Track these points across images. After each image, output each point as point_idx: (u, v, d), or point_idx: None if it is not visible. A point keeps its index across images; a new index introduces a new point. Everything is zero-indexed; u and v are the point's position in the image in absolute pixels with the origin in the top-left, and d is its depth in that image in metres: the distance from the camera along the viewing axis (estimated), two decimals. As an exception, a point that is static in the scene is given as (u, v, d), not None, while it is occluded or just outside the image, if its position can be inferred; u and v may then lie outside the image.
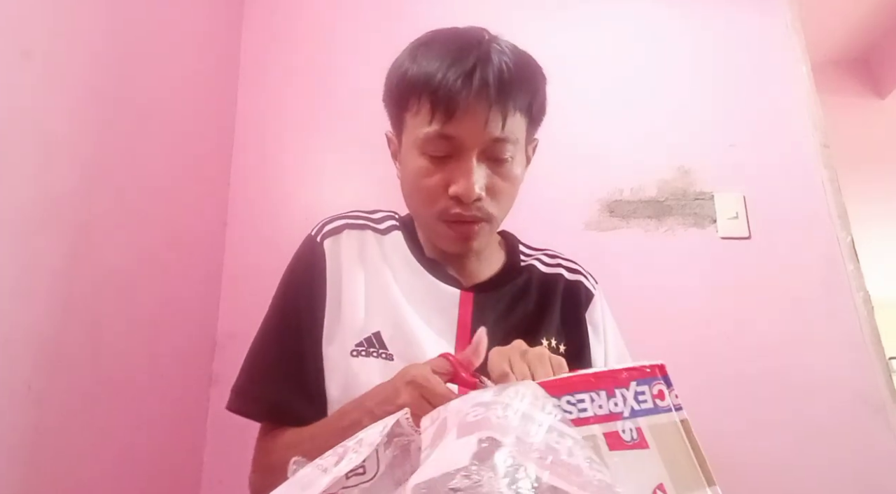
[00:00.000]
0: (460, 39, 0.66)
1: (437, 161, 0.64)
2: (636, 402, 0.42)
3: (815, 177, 1.28)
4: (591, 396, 0.42)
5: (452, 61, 0.62)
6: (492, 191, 0.65)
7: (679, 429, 0.42)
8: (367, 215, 0.77)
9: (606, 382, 0.43)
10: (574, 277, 0.79)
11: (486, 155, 0.64)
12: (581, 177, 1.38)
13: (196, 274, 1.37)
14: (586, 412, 0.41)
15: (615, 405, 0.42)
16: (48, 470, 0.92)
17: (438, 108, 0.62)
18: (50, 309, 0.95)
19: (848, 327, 1.18)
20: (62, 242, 0.98)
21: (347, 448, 0.40)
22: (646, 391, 0.43)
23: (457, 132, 0.62)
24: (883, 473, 1.09)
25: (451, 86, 0.61)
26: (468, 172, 0.62)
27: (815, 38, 1.53)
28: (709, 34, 1.44)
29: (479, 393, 0.40)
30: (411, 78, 0.65)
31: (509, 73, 0.63)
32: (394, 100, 0.69)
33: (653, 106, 1.41)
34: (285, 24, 1.65)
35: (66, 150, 1.01)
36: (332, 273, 0.70)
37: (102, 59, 1.10)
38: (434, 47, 0.65)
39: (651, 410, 0.42)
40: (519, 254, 0.79)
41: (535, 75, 0.68)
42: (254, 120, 1.58)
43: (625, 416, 0.41)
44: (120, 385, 1.08)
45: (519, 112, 0.65)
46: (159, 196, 1.24)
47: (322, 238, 0.73)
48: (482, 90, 0.61)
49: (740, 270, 1.26)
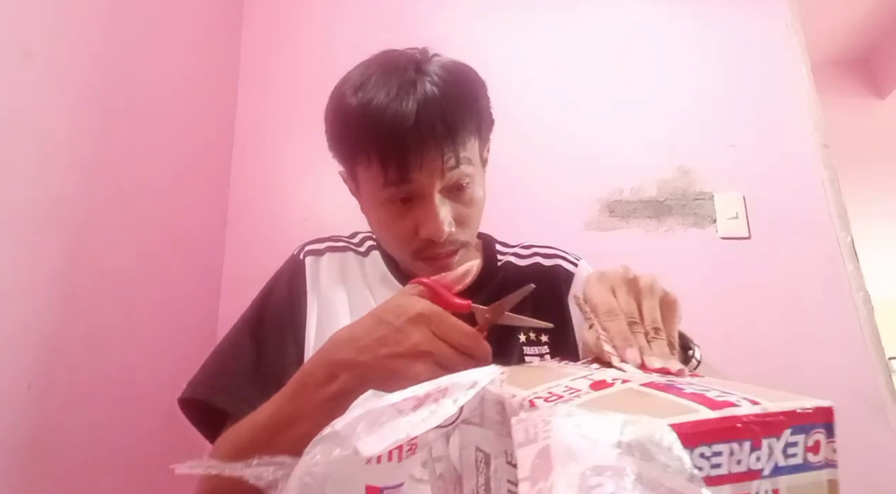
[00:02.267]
0: (394, 74, 0.62)
1: (399, 205, 0.64)
2: (783, 456, 0.32)
3: (815, 177, 1.28)
4: (731, 448, 0.31)
5: (392, 112, 0.59)
6: (459, 220, 0.65)
7: (823, 492, 0.33)
8: (348, 239, 0.79)
9: (755, 430, 0.32)
10: (551, 262, 0.78)
11: (447, 189, 0.64)
12: (581, 178, 1.38)
13: (196, 274, 1.37)
14: (720, 469, 0.31)
15: (756, 460, 0.31)
16: (48, 470, 0.92)
17: (390, 168, 0.60)
18: (50, 309, 0.95)
19: (848, 327, 1.18)
20: (62, 242, 0.98)
21: (429, 394, 0.34)
22: (799, 442, 0.32)
23: (414, 178, 0.61)
24: (883, 473, 1.09)
25: (399, 144, 0.59)
26: (434, 215, 0.62)
27: (815, 38, 1.53)
28: (709, 34, 1.44)
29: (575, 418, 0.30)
30: (354, 133, 0.63)
31: (451, 106, 0.61)
32: (341, 153, 0.68)
33: (653, 106, 1.41)
34: (285, 24, 1.65)
35: (66, 150, 1.01)
36: (313, 288, 0.71)
37: (102, 59, 1.10)
38: (369, 89, 0.62)
39: (797, 467, 0.32)
40: (495, 255, 0.79)
41: (475, 93, 0.66)
42: (254, 120, 1.58)
43: (764, 475, 0.31)
44: (120, 385, 1.08)
45: (470, 137, 0.64)
46: (159, 196, 1.24)
47: (304, 256, 0.74)
48: (430, 138, 0.59)
49: (740, 270, 1.26)
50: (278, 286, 0.73)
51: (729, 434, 0.31)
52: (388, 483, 0.33)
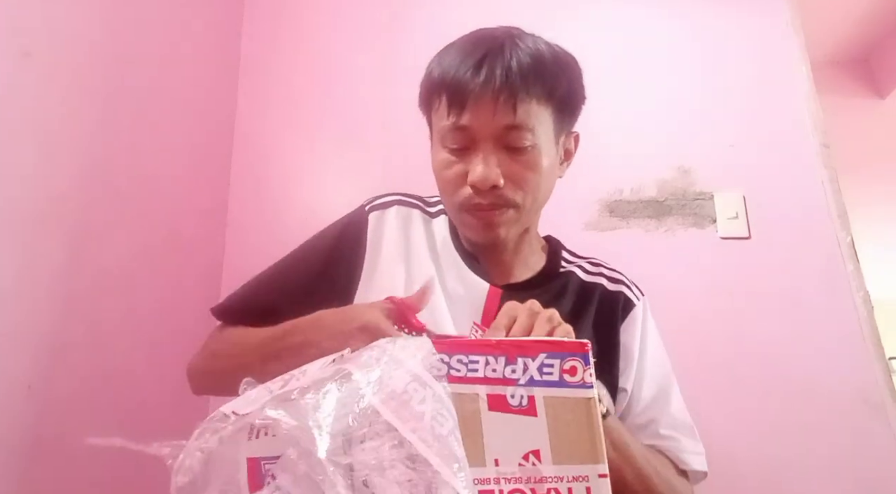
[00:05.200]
0: (481, 37, 0.67)
1: (456, 153, 0.66)
2: (538, 373, 0.44)
3: (815, 177, 1.28)
4: (486, 359, 0.45)
5: (465, 57, 0.65)
6: (512, 178, 0.65)
7: (584, 406, 0.44)
8: (422, 198, 0.80)
9: (509, 349, 0.45)
10: (615, 287, 0.76)
11: (503, 143, 0.64)
12: (581, 177, 1.37)
13: (196, 273, 1.37)
14: (476, 373, 0.44)
15: (512, 371, 0.44)
16: (48, 470, 0.92)
17: (452, 102, 0.64)
18: (50, 309, 0.95)
19: (848, 327, 1.17)
20: (62, 242, 0.98)
21: (293, 376, 0.44)
22: (555, 364, 0.44)
23: (469, 122, 0.64)
24: (883, 473, 1.09)
25: (461, 79, 0.63)
26: (482, 161, 0.63)
27: (815, 38, 1.53)
28: (709, 34, 1.43)
29: (385, 339, 0.45)
30: (433, 78, 0.68)
31: (519, 62, 0.63)
32: (423, 102, 0.72)
33: (653, 106, 1.41)
34: (285, 24, 1.65)
35: (66, 150, 1.01)
36: (373, 241, 0.73)
37: (102, 60, 1.10)
38: (456, 47, 0.68)
39: (554, 383, 0.44)
40: (560, 260, 0.78)
41: (556, 64, 0.68)
42: (254, 120, 1.58)
43: (520, 383, 0.44)
44: (120, 384, 1.08)
45: (535, 100, 0.64)
46: (159, 195, 1.24)
47: (370, 209, 0.76)
48: (489, 80, 0.62)
49: (740, 270, 1.26)
50: (334, 232, 0.76)
51: (484, 349, 0.45)
52: (266, 454, 0.39)
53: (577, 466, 0.42)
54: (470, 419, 0.43)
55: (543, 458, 0.42)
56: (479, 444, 0.43)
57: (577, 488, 0.42)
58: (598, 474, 0.43)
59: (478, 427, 0.43)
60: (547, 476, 0.42)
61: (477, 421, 0.43)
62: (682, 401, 0.75)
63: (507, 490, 0.42)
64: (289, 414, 0.37)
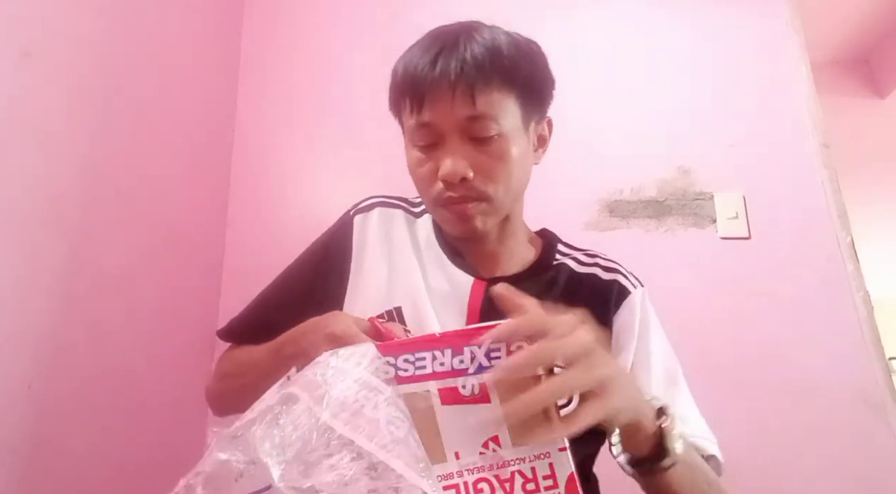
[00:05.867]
0: (438, 34, 0.68)
1: (426, 150, 0.66)
2: (486, 359, 0.44)
3: (815, 177, 1.28)
4: (433, 354, 0.44)
5: (422, 54, 0.65)
6: (481, 170, 0.64)
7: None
8: (406, 198, 0.80)
9: (453, 341, 0.44)
10: (610, 276, 0.75)
11: (468, 135, 0.64)
12: (581, 177, 1.38)
13: (196, 273, 1.37)
14: (425, 369, 0.44)
15: (460, 362, 0.44)
16: (48, 470, 0.92)
17: (413, 99, 0.65)
18: (50, 309, 0.95)
19: (848, 327, 1.18)
20: (62, 242, 0.98)
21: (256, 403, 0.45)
22: (502, 348, 0.44)
23: (430, 118, 0.64)
24: (883, 473, 1.09)
25: (417, 76, 0.64)
26: (448, 154, 0.64)
27: (815, 38, 1.53)
28: (709, 34, 1.44)
29: (327, 353, 0.45)
30: (396, 79, 0.68)
31: (473, 53, 0.63)
32: (392, 105, 0.71)
33: (653, 106, 1.41)
34: (285, 24, 1.65)
35: (66, 150, 1.00)
36: (358, 244, 0.74)
37: (102, 59, 1.10)
38: (416, 46, 0.68)
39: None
40: (553, 253, 0.77)
41: (515, 51, 0.67)
42: (254, 120, 1.58)
43: (469, 373, 0.44)
44: (120, 384, 1.08)
45: (496, 89, 0.64)
46: (159, 195, 1.24)
47: (355, 213, 0.77)
48: (444, 73, 0.62)
49: (740, 270, 1.26)
50: (323, 243, 0.77)
51: (429, 345, 0.45)
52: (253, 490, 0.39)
53: (537, 445, 0.43)
54: (424, 416, 0.43)
55: (503, 442, 0.43)
56: (437, 440, 0.43)
57: (540, 465, 0.42)
58: (558, 448, 0.43)
59: (433, 423, 0.43)
60: (509, 460, 0.42)
61: (431, 418, 0.43)
62: (690, 394, 0.74)
63: (471, 482, 0.42)
64: (239, 452, 0.37)
